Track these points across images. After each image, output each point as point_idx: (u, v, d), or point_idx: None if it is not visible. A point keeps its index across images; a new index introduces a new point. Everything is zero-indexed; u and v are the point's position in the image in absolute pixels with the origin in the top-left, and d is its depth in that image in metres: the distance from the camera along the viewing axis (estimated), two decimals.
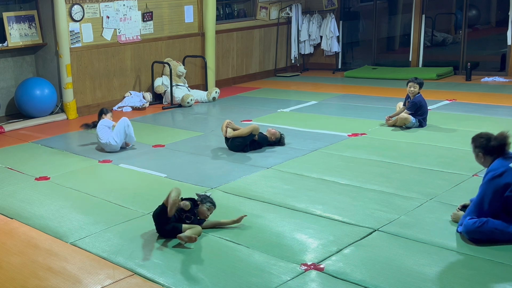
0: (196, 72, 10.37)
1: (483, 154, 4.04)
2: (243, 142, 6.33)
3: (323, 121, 7.59)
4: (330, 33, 11.73)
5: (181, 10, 10.01)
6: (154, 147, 6.81)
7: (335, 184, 5.20)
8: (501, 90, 9.03)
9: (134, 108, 9.11)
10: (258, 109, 8.54)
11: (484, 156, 4.04)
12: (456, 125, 6.97)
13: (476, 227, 3.90)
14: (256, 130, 6.35)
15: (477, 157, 4.11)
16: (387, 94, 9.18)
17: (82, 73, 8.82)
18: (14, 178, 5.89)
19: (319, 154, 6.13)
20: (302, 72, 11.97)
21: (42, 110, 8.46)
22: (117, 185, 5.53)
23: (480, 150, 4.05)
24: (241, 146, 6.33)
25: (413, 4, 11.08)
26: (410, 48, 11.18)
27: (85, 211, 4.88)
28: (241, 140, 6.33)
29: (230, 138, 6.39)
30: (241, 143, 6.34)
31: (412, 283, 3.44)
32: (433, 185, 5.03)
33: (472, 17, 12.37)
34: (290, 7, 11.69)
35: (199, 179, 5.52)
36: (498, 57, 10.61)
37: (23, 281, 3.73)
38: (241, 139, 6.33)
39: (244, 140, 6.33)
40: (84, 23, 8.74)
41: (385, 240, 4.04)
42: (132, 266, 3.84)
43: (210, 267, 3.76)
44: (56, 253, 4.11)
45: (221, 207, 4.81)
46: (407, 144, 6.35)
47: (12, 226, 4.68)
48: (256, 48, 11.41)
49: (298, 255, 3.87)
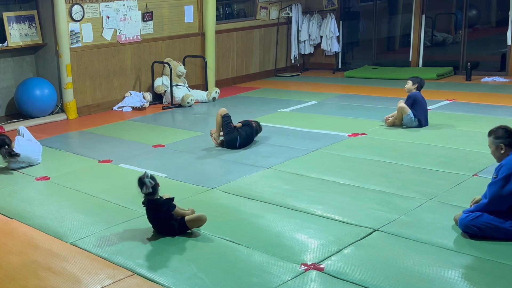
0: (196, 72, 10.37)
1: (505, 146, 4.00)
2: (228, 128, 6.45)
3: (323, 121, 7.58)
4: (330, 33, 11.72)
5: (181, 10, 10.02)
6: (154, 147, 6.81)
7: (335, 184, 5.20)
8: (501, 90, 9.03)
9: (134, 108, 9.12)
10: (258, 109, 8.54)
11: (506, 147, 4.00)
12: (456, 125, 6.97)
13: (468, 220, 3.95)
14: (222, 111, 6.53)
15: (497, 149, 4.04)
16: (387, 94, 9.18)
17: (82, 73, 8.82)
18: (14, 178, 5.90)
19: (319, 154, 6.13)
20: (302, 72, 11.97)
21: (42, 110, 8.46)
22: (117, 185, 5.53)
23: (502, 141, 4.01)
24: (231, 131, 6.44)
25: (413, 4, 11.07)
26: (410, 48, 11.18)
27: (85, 211, 4.88)
28: (225, 127, 6.46)
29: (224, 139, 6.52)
30: (229, 130, 6.45)
31: (412, 283, 3.44)
32: (433, 185, 5.03)
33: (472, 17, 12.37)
34: (290, 7, 11.69)
35: (199, 179, 5.52)
36: (498, 57, 10.60)
37: (23, 281, 3.73)
38: (224, 126, 6.46)
39: (226, 126, 6.45)
40: (84, 23, 8.75)
41: (385, 240, 4.04)
42: (132, 266, 3.84)
43: (210, 267, 3.76)
44: (56, 253, 4.11)
45: (221, 207, 4.81)
46: (407, 144, 6.35)
47: (12, 226, 4.68)
48: (256, 48, 11.41)
49: (298, 255, 3.87)
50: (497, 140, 4.03)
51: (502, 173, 3.90)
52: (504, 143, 4.00)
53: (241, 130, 6.51)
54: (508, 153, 3.99)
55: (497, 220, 3.90)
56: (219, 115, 6.53)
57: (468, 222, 3.96)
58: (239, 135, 6.45)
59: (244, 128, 6.56)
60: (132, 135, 7.42)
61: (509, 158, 3.95)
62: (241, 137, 6.45)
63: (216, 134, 6.59)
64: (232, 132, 6.46)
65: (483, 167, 5.34)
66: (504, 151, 4.01)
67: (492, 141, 4.07)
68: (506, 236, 3.89)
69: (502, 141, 4.01)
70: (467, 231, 3.99)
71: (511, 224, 3.89)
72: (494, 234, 3.91)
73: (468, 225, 3.97)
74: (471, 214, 3.98)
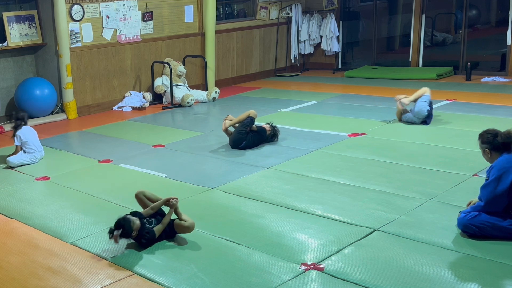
0: (196, 72, 10.37)
1: (490, 150, 4.04)
2: (243, 129, 6.39)
3: (323, 121, 7.58)
4: (330, 33, 11.72)
5: (181, 10, 10.01)
6: (154, 147, 6.81)
7: (335, 184, 5.20)
8: (501, 90, 9.03)
9: (134, 108, 9.12)
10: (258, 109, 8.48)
11: (491, 152, 4.04)
12: (456, 125, 6.97)
13: (467, 220, 3.97)
14: (254, 114, 6.48)
15: (484, 153, 4.11)
16: (387, 94, 9.17)
17: (82, 73, 8.82)
18: (14, 178, 5.90)
19: (319, 154, 6.13)
20: (302, 72, 11.97)
21: (42, 110, 8.46)
22: (117, 185, 5.53)
23: (487, 146, 4.05)
24: (243, 134, 6.37)
25: (413, 4, 11.07)
26: (410, 48, 11.17)
27: (85, 211, 4.89)
28: (241, 127, 6.40)
29: (232, 133, 6.45)
30: (242, 131, 6.38)
31: (412, 283, 3.44)
32: (433, 185, 5.03)
33: (472, 17, 12.37)
34: (290, 7, 11.69)
35: (199, 179, 5.52)
36: (498, 57, 10.59)
37: (23, 281, 3.73)
38: (241, 125, 6.41)
39: (243, 126, 6.40)
40: (84, 23, 8.75)
41: (385, 240, 4.04)
42: (132, 266, 3.84)
43: (210, 267, 3.76)
44: (56, 253, 4.11)
45: (221, 207, 4.82)
46: (407, 144, 6.35)
47: (12, 226, 4.69)
48: (256, 48, 11.41)
49: (298, 255, 3.87)
50: (483, 145, 4.09)
51: (493, 174, 3.92)
52: (488, 148, 4.05)
53: (249, 137, 6.44)
54: (495, 157, 4.02)
55: (495, 219, 3.91)
56: (248, 114, 6.46)
57: (467, 222, 3.97)
58: (246, 140, 6.41)
59: (255, 134, 6.48)
60: (132, 135, 7.42)
61: (499, 160, 3.98)
62: (246, 143, 6.41)
63: (230, 123, 6.50)
64: (243, 134, 6.40)
65: (483, 167, 5.33)
66: (490, 156, 4.05)
67: (479, 144, 4.13)
68: (505, 234, 3.90)
69: (486, 146, 4.06)
70: (466, 231, 4.00)
71: (509, 223, 3.90)
72: (493, 233, 3.92)
73: (467, 225, 3.98)
74: (470, 213, 3.99)
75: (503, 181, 3.87)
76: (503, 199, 3.89)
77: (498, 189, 3.88)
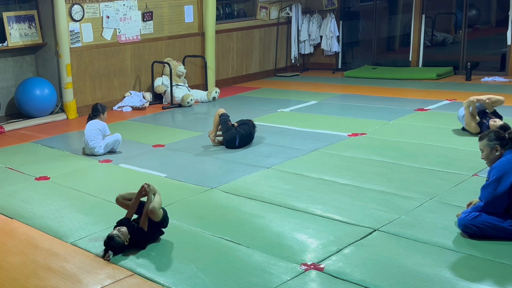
0: (196, 72, 10.37)
1: (501, 147, 4.04)
2: (226, 125, 6.51)
3: (323, 121, 7.58)
4: (330, 33, 11.72)
5: (181, 10, 10.01)
6: (154, 147, 6.81)
7: (335, 184, 5.20)
8: (501, 90, 9.02)
9: (134, 108, 9.11)
10: (258, 109, 8.54)
11: (501, 148, 4.03)
12: (456, 125, 6.96)
13: (468, 220, 3.97)
14: (221, 111, 6.65)
15: (492, 151, 4.07)
16: (387, 94, 9.18)
17: (82, 73, 8.82)
18: (14, 178, 5.89)
19: (319, 154, 6.13)
20: (302, 72, 11.97)
21: (42, 110, 8.46)
22: (117, 185, 5.52)
23: (498, 142, 4.04)
24: (230, 129, 6.49)
25: (413, 4, 11.07)
26: (410, 48, 11.18)
27: (85, 211, 4.89)
28: (223, 125, 6.53)
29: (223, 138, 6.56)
30: (227, 127, 6.50)
31: (412, 283, 3.44)
32: (433, 185, 5.03)
33: (472, 17, 12.36)
34: (290, 7, 11.69)
35: (199, 179, 5.52)
36: (498, 57, 10.60)
37: (23, 281, 3.73)
38: (222, 124, 6.54)
39: (224, 123, 6.51)
40: (84, 23, 8.75)
41: (385, 240, 4.04)
42: (132, 266, 3.84)
43: (210, 267, 3.76)
44: (56, 253, 4.11)
45: (221, 207, 4.82)
46: (407, 144, 6.35)
47: (12, 226, 4.68)
48: (256, 48, 11.41)
49: (298, 255, 3.87)
50: (491, 142, 4.07)
51: (493, 175, 3.93)
52: (500, 144, 4.04)
53: (239, 129, 6.52)
54: (502, 153, 4.02)
55: (495, 219, 3.92)
56: (217, 114, 6.60)
57: (467, 222, 3.97)
58: (237, 133, 6.46)
59: (242, 126, 6.58)
60: (132, 135, 7.41)
61: (500, 161, 3.99)
62: (239, 135, 6.46)
63: (213, 133, 6.64)
64: (230, 129, 6.49)
65: (483, 167, 5.32)
66: (499, 153, 4.04)
67: (486, 143, 4.10)
68: (505, 235, 3.90)
69: (497, 143, 4.04)
70: (466, 231, 4.00)
71: (510, 223, 3.90)
72: (493, 233, 3.92)
73: (467, 225, 3.98)
74: (470, 213, 4.00)
75: (504, 182, 3.87)
76: (503, 200, 3.89)
77: (498, 190, 3.88)
